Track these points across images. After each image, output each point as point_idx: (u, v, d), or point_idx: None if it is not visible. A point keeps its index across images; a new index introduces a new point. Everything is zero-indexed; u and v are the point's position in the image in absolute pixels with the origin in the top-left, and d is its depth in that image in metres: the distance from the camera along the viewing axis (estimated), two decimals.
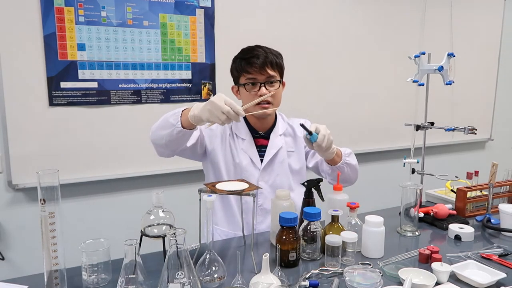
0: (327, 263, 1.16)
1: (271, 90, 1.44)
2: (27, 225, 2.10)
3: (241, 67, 1.44)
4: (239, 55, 1.48)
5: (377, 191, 2.77)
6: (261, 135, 1.54)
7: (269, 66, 1.43)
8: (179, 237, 0.88)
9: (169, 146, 1.30)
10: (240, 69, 1.45)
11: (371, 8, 2.79)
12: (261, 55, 1.42)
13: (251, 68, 1.42)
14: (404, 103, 2.93)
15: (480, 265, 1.15)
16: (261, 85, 1.43)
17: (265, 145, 1.53)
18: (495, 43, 3.38)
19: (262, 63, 1.41)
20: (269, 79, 1.44)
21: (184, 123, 1.22)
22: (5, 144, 1.99)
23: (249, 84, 1.44)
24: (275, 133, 1.55)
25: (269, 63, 1.43)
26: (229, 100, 1.13)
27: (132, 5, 2.13)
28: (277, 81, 1.47)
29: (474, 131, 1.53)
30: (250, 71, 1.42)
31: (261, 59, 1.42)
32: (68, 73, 2.04)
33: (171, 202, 1.30)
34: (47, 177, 0.94)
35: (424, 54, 1.59)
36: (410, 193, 1.42)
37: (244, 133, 1.52)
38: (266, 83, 1.44)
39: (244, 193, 1.12)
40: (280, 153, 1.53)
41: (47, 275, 0.97)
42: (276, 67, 1.46)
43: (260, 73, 1.42)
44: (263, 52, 1.44)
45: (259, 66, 1.41)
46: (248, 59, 1.43)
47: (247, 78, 1.44)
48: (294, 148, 1.59)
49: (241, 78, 1.46)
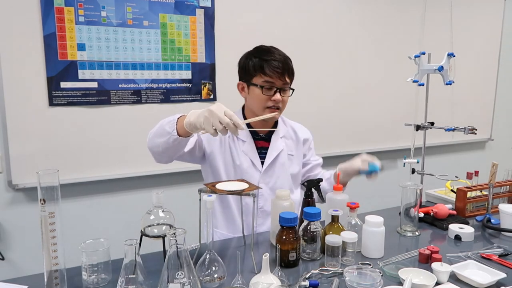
0: (327, 263, 1.16)
1: (284, 98, 1.44)
2: (27, 225, 2.10)
3: (261, 67, 1.40)
4: (258, 54, 1.43)
5: (377, 191, 2.76)
6: (261, 137, 1.53)
7: (287, 73, 1.42)
8: (179, 237, 0.88)
9: (166, 153, 1.28)
10: (258, 69, 1.41)
11: (371, 8, 2.78)
12: (281, 61, 1.40)
13: (272, 71, 1.39)
14: (404, 103, 2.93)
15: (480, 265, 1.15)
16: (277, 90, 1.42)
17: (266, 147, 1.52)
18: (495, 43, 3.38)
19: (283, 69, 1.40)
20: (285, 86, 1.44)
21: (180, 131, 1.20)
22: (5, 144, 1.99)
23: (266, 87, 1.41)
24: (276, 136, 1.54)
25: (287, 70, 1.42)
26: (229, 111, 1.10)
27: (132, 5, 2.13)
28: (290, 89, 1.47)
29: (474, 131, 1.53)
30: (270, 74, 1.39)
31: (282, 64, 1.40)
32: (68, 73, 2.04)
33: (171, 202, 1.30)
34: (47, 177, 0.94)
35: (424, 54, 1.59)
36: (410, 193, 1.43)
37: (245, 135, 1.50)
38: (282, 89, 1.43)
39: (244, 193, 1.12)
40: (281, 155, 1.53)
41: (47, 275, 0.97)
42: (291, 75, 1.45)
43: (279, 78, 1.40)
44: (282, 57, 1.42)
45: (280, 71, 1.39)
46: (269, 61, 1.40)
47: (265, 80, 1.41)
48: (294, 152, 1.58)
49: (257, 78, 1.42)
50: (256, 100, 1.44)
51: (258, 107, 1.44)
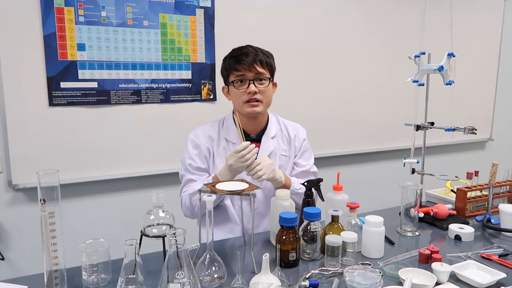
0: (327, 263, 1.16)
1: (260, 88, 1.43)
2: (27, 225, 2.10)
3: (230, 65, 1.44)
4: (229, 54, 1.47)
5: (377, 191, 2.77)
6: (252, 138, 1.52)
7: (258, 64, 1.42)
8: (179, 237, 0.88)
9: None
10: (229, 67, 1.44)
11: (370, 8, 2.78)
12: (250, 53, 1.42)
13: (240, 65, 1.41)
14: (404, 103, 2.93)
15: (480, 265, 1.15)
16: (250, 82, 1.42)
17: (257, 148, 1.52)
18: (495, 43, 3.38)
19: (251, 61, 1.41)
20: (258, 76, 1.43)
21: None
22: (5, 144, 1.99)
23: (237, 81, 1.43)
24: (266, 136, 1.52)
25: (258, 61, 1.42)
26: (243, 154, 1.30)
27: (132, 5, 2.13)
28: (267, 79, 1.45)
29: (474, 131, 1.53)
30: (239, 68, 1.41)
31: (251, 57, 1.41)
32: (68, 73, 2.04)
33: (171, 202, 1.30)
34: (47, 177, 0.94)
35: (424, 54, 1.59)
36: (410, 193, 1.42)
37: (235, 137, 1.50)
38: (255, 80, 1.43)
39: (244, 193, 1.12)
40: (271, 156, 1.51)
41: (47, 275, 0.97)
42: (266, 65, 1.45)
43: (249, 70, 1.41)
44: (253, 50, 1.44)
45: (248, 63, 1.40)
46: (237, 57, 1.42)
47: (236, 75, 1.43)
48: (287, 152, 1.56)
49: (230, 76, 1.45)
50: (235, 98, 1.46)
51: (238, 104, 1.45)
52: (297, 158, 1.58)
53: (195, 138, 1.51)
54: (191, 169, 1.49)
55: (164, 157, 2.32)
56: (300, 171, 1.57)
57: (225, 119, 1.56)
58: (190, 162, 1.49)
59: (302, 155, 1.59)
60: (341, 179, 1.39)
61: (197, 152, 1.50)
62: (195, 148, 1.50)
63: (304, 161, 1.59)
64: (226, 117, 1.56)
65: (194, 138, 1.52)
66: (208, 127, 1.55)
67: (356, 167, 2.96)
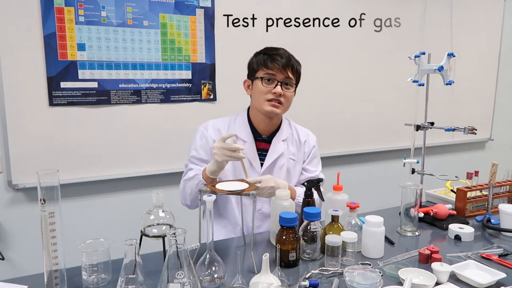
0: (327, 263, 1.16)
1: (286, 93, 1.44)
2: (27, 225, 2.10)
3: (263, 61, 1.44)
4: (263, 51, 1.48)
5: (377, 191, 2.77)
6: (263, 138, 1.53)
7: (290, 69, 1.44)
8: (179, 237, 0.88)
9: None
10: (261, 63, 1.45)
11: (370, 8, 2.78)
12: (285, 56, 1.44)
13: (273, 64, 1.42)
14: (404, 103, 2.93)
15: (480, 265, 1.15)
16: (278, 83, 1.43)
17: (266, 149, 1.52)
18: (495, 43, 3.38)
19: (285, 63, 1.42)
20: (286, 80, 1.44)
21: (207, 181, 1.35)
22: (5, 144, 1.99)
23: (266, 79, 1.44)
24: (277, 138, 1.53)
25: (290, 66, 1.44)
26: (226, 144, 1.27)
27: (132, 5, 2.13)
28: (293, 85, 1.48)
29: (474, 131, 1.53)
30: (271, 67, 1.43)
31: (285, 59, 1.43)
32: (68, 73, 2.04)
33: (171, 202, 1.30)
34: (47, 177, 0.94)
35: (424, 54, 1.59)
36: (410, 193, 1.43)
37: (246, 135, 1.51)
38: (283, 83, 1.44)
39: (244, 193, 1.12)
40: (281, 159, 1.52)
41: (47, 275, 0.98)
42: (295, 72, 1.47)
43: (280, 71, 1.43)
44: (287, 54, 1.46)
45: (282, 64, 1.42)
46: (272, 56, 1.43)
47: (266, 73, 1.44)
48: (295, 156, 1.57)
49: (259, 72, 1.45)
50: (258, 93, 1.46)
51: (260, 100, 1.45)
52: (305, 164, 1.60)
53: (204, 130, 1.53)
54: (193, 159, 1.51)
55: (164, 157, 2.32)
56: (308, 177, 1.57)
57: (238, 116, 1.57)
58: (193, 154, 1.52)
59: (311, 161, 1.61)
60: (341, 179, 1.39)
61: (203, 144, 1.51)
62: (201, 139, 1.52)
63: (312, 167, 1.61)
64: (240, 113, 1.57)
65: (203, 129, 1.53)
66: (220, 121, 1.56)
67: (356, 167, 2.96)
